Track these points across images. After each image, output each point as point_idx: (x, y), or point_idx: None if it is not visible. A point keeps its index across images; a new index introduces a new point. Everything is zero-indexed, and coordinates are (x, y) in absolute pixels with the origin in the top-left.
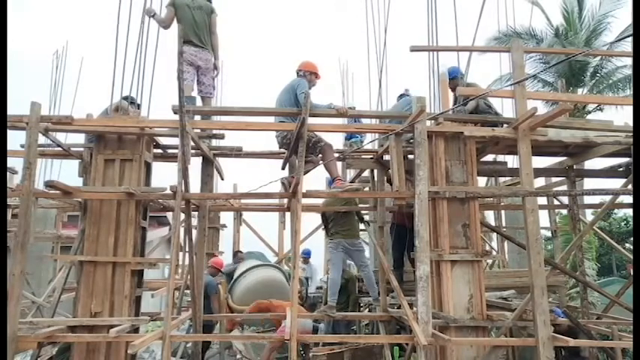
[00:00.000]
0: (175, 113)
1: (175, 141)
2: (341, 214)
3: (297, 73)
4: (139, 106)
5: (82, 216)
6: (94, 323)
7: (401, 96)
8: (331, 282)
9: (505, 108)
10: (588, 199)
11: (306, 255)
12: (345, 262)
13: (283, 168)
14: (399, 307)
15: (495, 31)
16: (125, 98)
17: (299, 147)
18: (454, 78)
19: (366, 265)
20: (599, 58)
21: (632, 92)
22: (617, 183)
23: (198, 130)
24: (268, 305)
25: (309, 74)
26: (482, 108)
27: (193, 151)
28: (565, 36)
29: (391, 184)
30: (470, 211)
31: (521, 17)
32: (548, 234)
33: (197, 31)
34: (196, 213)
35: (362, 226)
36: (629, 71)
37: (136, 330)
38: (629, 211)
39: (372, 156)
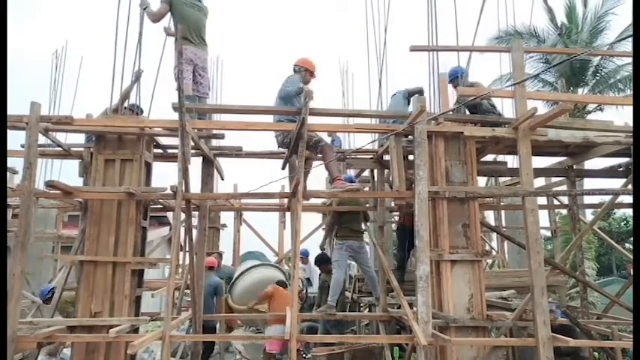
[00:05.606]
0: (175, 111)
1: (175, 141)
2: (352, 215)
3: (293, 69)
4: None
5: (82, 216)
6: (94, 323)
7: (394, 96)
8: (334, 282)
9: (505, 108)
10: (588, 199)
11: (304, 255)
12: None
13: (283, 168)
14: (399, 307)
15: (496, 30)
16: (132, 106)
17: (299, 147)
18: (453, 79)
19: (370, 266)
20: (599, 57)
21: (632, 92)
22: (617, 183)
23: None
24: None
25: (303, 70)
26: (486, 107)
27: (193, 151)
28: (568, 35)
29: (391, 186)
30: (470, 211)
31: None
32: (548, 234)
33: (197, 30)
34: (197, 213)
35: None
36: (631, 69)
37: (135, 330)
38: (629, 211)
39: (372, 156)
